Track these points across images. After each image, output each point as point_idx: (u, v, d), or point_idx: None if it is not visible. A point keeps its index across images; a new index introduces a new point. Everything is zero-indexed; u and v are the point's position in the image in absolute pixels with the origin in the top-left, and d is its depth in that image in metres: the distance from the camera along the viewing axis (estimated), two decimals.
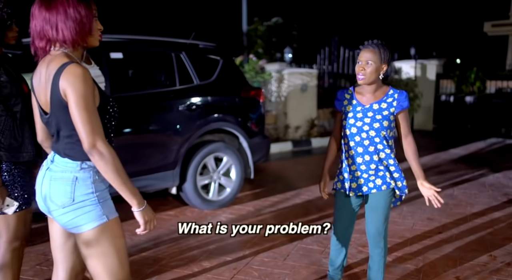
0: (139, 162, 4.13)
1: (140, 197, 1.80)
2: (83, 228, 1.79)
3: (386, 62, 2.52)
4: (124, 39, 4.28)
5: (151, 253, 3.65)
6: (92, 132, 1.68)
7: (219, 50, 4.86)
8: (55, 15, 1.70)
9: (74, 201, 1.77)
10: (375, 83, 2.55)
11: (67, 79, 1.67)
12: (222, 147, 4.65)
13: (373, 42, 2.54)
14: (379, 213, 2.64)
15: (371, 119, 2.55)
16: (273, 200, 5.12)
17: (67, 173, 1.78)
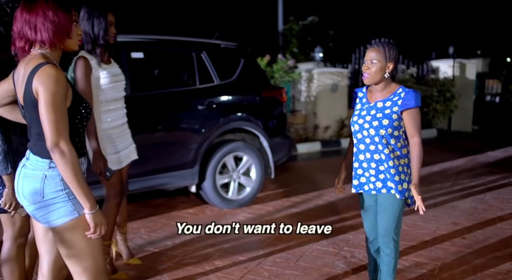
0: (158, 160, 4.20)
1: (93, 201, 1.86)
2: (55, 223, 1.87)
3: (392, 60, 2.46)
4: (145, 39, 4.36)
5: (166, 250, 3.70)
6: (56, 131, 1.74)
7: (240, 50, 4.87)
8: (35, 16, 1.79)
9: (44, 198, 1.84)
10: (381, 82, 2.50)
11: (40, 79, 1.74)
12: (242, 146, 4.65)
13: (379, 41, 2.49)
14: (387, 213, 2.61)
15: (371, 117, 2.52)
16: (295, 200, 5.08)
17: (37, 171, 1.85)
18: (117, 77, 3.17)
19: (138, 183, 4.14)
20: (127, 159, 3.24)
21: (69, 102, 1.83)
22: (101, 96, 3.07)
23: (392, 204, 2.57)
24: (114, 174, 3.14)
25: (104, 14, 3.00)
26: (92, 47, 3.03)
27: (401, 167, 2.56)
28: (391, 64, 2.45)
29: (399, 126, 2.51)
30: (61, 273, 2.12)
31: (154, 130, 4.17)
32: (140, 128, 4.07)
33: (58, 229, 1.88)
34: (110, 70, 3.11)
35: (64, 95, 1.77)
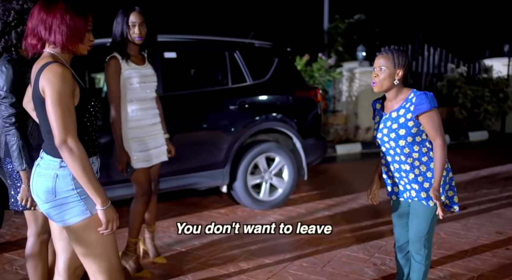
0: (188, 159, 4.21)
1: (104, 197, 1.85)
2: (68, 222, 1.88)
3: (401, 67, 2.38)
4: (178, 39, 4.38)
5: (193, 250, 3.70)
6: (64, 128, 1.75)
7: (275, 49, 4.80)
8: (52, 18, 1.81)
9: (56, 197, 1.86)
10: (391, 89, 2.42)
11: (46, 77, 1.77)
12: (274, 147, 4.59)
13: (388, 48, 2.42)
14: (419, 218, 2.52)
15: (388, 130, 2.45)
16: (328, 203, 4.95)
17: (49, 170, 1.87)
18: (146, 78, 3.18)
19: (169, 182, 4.17)
20: (156, 159, 3.26)
21: (77, 101, 1.84)
22: (129, 95, 3.10)
23: (424, 210, 2.50)
24: (142, 173, 3.17)
25: (126, 15, 3.04)
26: (118, 47, 3.07)
27: (431, 172, 2.45)
28: (401, 70, 2.37)
29: (419, 132, 2.41)
30: (77, 272, 2.14)
31: (185, 129, 4.19)
32: (171, 128, 4.09)
33: (72, 228, 1.90)
34: (139, 71, 3.13)
35: (70, 93, 1.78)
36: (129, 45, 3.10)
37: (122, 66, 3.05)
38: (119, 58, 3.05)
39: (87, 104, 1.89)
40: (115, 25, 3.08)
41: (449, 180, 2.52)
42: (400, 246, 2.72)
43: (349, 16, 15.69)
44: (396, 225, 2.71)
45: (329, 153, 7.63)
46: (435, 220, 2.53)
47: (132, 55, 3.12)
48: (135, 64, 3.12)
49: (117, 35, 3.07)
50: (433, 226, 2.54)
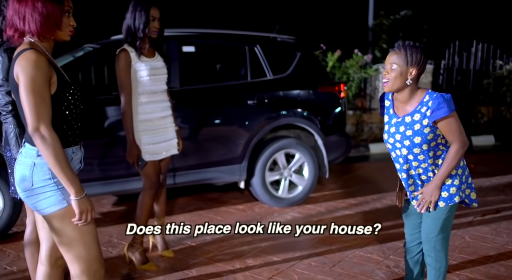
0: (205, 154, 4.19)
1: (78, 186, 1.83)
2: (45, 211, 1.88)
3: (415, 65, 2.18)
4: (197, 33, 4.37)
5: (202, 245, 3.67)
6: (36, 116, 1.74)
7: (298, 44, 4.70)
8: (24, 7, 1.79)
9: (33, 186, 1.85)
10: (404, 89, 2.23)
11: (19, 64, 1.76)
12: (294, 143, 4.49)
13: (401, 44, 2.24)
14: (430, 217, 2.38)
15: (402, 136, 2.28)
16: (351, 202, 4.80)
17: (28, 158, 1.87)
18: (157, 70, 3.18)
19: (185, 176, 4.16)
20: (165, 152, 3.25)
21: (54, 89, 1.83)
22: (139, 88, 3.11)
23: (435, 212, 2.34)
24: (151, 165, 3.18)
25: (147, 9, 3.03)
26: (132, 39, 3.08)
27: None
28: (414, 69, 2.18)
29: (434, 137, 2.25)
30: (58, 262, 2.12)
31: (201, 123, 4.17)
32: (188, 122, 4.10)
33: (49, 218, 1.90)
34: (149, 63, 3.13)
35: (44, 80, 1.77)
36: (144, 38, 3.10)
37: (132, 58, 3.06)
38: (129, 51, 3.06)
39: (65, 92, 1.88)
40: (133, 18, 3.04)
41: (465, 179, 2.36)
42: (409, 247, 2.59)
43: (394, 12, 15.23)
44: (406, 224, 2.58)
45: (362, 152, 7.42)
46: (450, 221, 2.38)
47: (143, 48, 3.12)
48: (145, 56, 3.13)
49: (137, 28, 3.03)
50: (447, 228, 2.38)
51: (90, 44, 4.27)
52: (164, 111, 3.22)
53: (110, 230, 3.97)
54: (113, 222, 4.15)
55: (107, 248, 3.59)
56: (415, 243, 2.55)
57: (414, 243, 2.56)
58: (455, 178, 2.28)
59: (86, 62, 4.00)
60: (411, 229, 2.54)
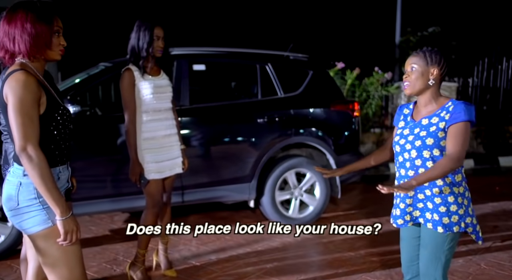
0: (213, 172, 4.17)
1: (64, 207, 1.83)
2: (29, 231, 1.88)
3: (436, 65, 2.11)
4: (208, 51, 4.40)
5: (207, 265, 3.63)
6: (24, 136, 1.75)
7: (310, 62, 4.66)
8: (14, 28, 1.82)
9: (19, 206, 1.86)
10: (425, 92, 2.15)
11: (9, 84, 1.78)
12: (304, 162, 4.43)
13: (419, 49, 2.18)
14: (427, 250, 2.22)
15: (415, 137, 2.16)
16: (363, 223, 4.67)
17: (14, 178, 1.88)
18: (161, 89, 3.19)
19: (194, 194, 4.15)
20: (169, 171, 3.24)
21: (43, 109, 1.85)
22: (143, 106, 3.13)
23: (434, 239, 2.18)
24: (154, 184, 3.18)
25: (151, 28, 3.06)
26: (135, 59, 3.10)
27: (452, 196, 2.14)
28: (435, 69, 2.11)
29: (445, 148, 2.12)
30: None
31: (211, 141, 4.17)
32: (198, 140, 4.10)
33: (33, 237, 1.90)
34: (153, 81, 3.14)
35: (32, 100, 1.79)
36: (148, 57, 3.12)
37: (136, 77, 3.09)
38: (133, 70, 3.09)
39: (54, 112, 1.89)
40: (137, 38, 3.07)
41: (472, 212, 2.20)
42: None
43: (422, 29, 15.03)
44: (402, 250, 2.41)
45: (382, 171, 7.26)
46: (451, 252, 2.20)
47: (148, 67, 3.15)
48: (150, 75, 3.15)
49: (141, 48, 3.06)
50: (447, 260, 2.21)
51: (104, 63, 4.35)
52: (168, 129, 3.22)
53: (118, 247, 3.98)
54: (121, 239, 4.17)
55: (112, 266, 3.60)
56: (413, 275, 2.38)
57: (409, 276, 2.39)
58: (460, 207, 2.14)
59: (99, 80, 4.07)
60: (407, 260, 2.38)
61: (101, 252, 3.87)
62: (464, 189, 2.18)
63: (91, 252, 3.87)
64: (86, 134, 3.83)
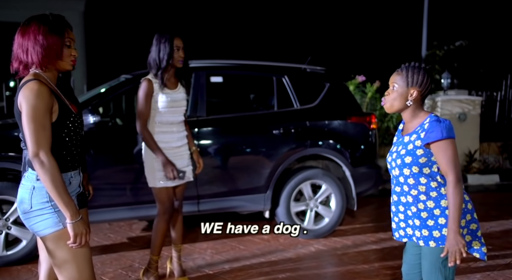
0: (229, 182, 4.23)
1: (74, 211, 1.90)
2: (41, 233, 1.97)
3: (417, 86, 2.13)
4: (225, 64, 4.49)
5: (220, 274, 3.67)
6: (36, 142, 1.85)
7: (327, 74, 4.70)
8: (27, 40, 1.94)
9: (32, 209, 1.95)
10: (404, 110, 2.19)
11: (23, 93, 1.88)
12: (320, 173, 4.44)
13: (404, 65, 2.19)
14: (427, 262, 2.21)
15: (397, 154, 2.22)
16: (380, 237, 4.63)
17: (28, 182, 1.98)
18: (176, 103, 3.27)
19: (209, 204, 4.21)
20: (180, 180, 3.31)
21: (55, 117, 1.95)
22: (157, 118, 3.21)
23: (430, 253, 2.19)
24: (165, 191, 3.25)
25: (171, 39, 3.15)
26: (156, 72, 3.19)
27: (439, 209, 2.14)
28: (415, 90, 2.13)
29: (428, 163, 2.13)
30: None
31: (227, 152, 4.23)
32: (214, 150, 4.18)
33: (45, 239, 1.99)
34: (170, 95, 3.22)
35: (45, 108, 1.89)
36: (168, 68, 3.21)
37: (155, 89, 3.17)
38: (153, 82, 3.18)
39: (66, 119, 1.99)
40: (157, 50, 3.16)
41: (465, 224, 2.19)
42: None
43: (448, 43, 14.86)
44: (404, 262, 2.40)
45: None
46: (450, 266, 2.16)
47: (166, 79, 3.23)
48: (167, 88, 3.23)
49: (162, 59, 3.15)
50: (449, 273, 2.18)
51: (125, 75, 4.50)
52: (179, 140, 3.30)
53: (134, 255, 4.06)
54: (138, 247, 4.25)
55: (127, 273, 3.67)
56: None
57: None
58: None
59: (119, 91, 4.20)
60: (407, 268, 2.38)
61: (118, 259, 3.96)
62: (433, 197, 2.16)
63: (108, 259, 3.96)
64: (106, 143, 3.95)
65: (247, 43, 14.43)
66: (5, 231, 3.75)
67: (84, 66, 14.09)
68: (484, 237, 4.58)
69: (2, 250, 3.74)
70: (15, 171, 3.79)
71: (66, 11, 12.50)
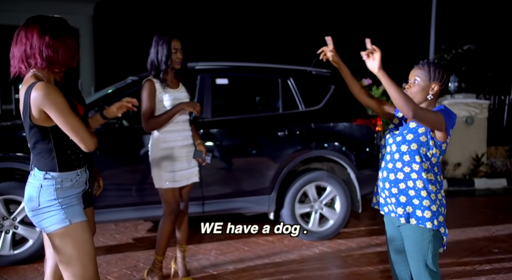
0: (234, 184, 4.25)
1: None
2: (48, 229, 2.00)
3: (438, 81, 2.23)
4: (231, 66, 4.52)
5: (223, 274, 3.68)
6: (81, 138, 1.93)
7: (332, 77, 4.71)
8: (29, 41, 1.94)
9: (40, 206, 1.99)
10: (422, 103, 2.26)
11: (36, 97, 1.88)
12: (325, 176, 4.44)
13: (425, 61, 2.28)
14: (411, 250, 2.28)
15: (399, 132, 2.31)
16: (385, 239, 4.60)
17: (36, 180, 2.01)
18: (179, 101, 3.30)
19: (214, 205, 4.23)
20: (186, 180, 3.34)
21: None
22: None
23: (413, 233, 2.25)
24: (171, 192, 3.27)
25: (168, 41, 3.19)
26: (156, 73, 3.23)
27: (425, 191, 2.22)
28: (436, 85, 2.23)
29: (427, 143, 2.22)
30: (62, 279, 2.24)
31: (232, 153, 4.25)
32: (219, 151, 4.20)
33: (51, 235, 2.02)
34: (173, 94, 3.26)
35: (62, 97, 1.91)
36: (167, 70, 3.26)
37: (157, 89, 3.21)
38: (154, 82, 3.22)
39: None
40: (155, 52, 3.21)
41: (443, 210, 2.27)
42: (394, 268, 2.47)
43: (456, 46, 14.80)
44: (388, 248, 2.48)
45: None
46: (436, 248, 2.25)
47: (168, 79, 3.28)
48: (169, 87, 3.27)
49: (160, 61, 3.20)
50: (433, 257, 2.25)
51: (132, 77, 4.54)
52: (185, 140, 3.33)
53: (139, 255, 4.09)
54: (143, 248, 4.28)
55: (132, 272, 3.70)
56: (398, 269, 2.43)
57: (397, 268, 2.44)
58: (433, 204, 2.22)
59: (125, 93, 4.22)
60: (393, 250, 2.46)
61: (123, 259, 3.99)
62: (437, 190, 2.24)
63: (114, 259, 3.99)
64: (113, 144, 3.99)
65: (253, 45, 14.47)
66: (12, 230, 3.79)
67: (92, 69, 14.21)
68: (491, 240, 4.60)
69: (9, 249, 3.78)
70: (23, 171, 3.83)
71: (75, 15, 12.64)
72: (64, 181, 2.01)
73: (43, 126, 1.96)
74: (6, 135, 3.88)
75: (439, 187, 2.27)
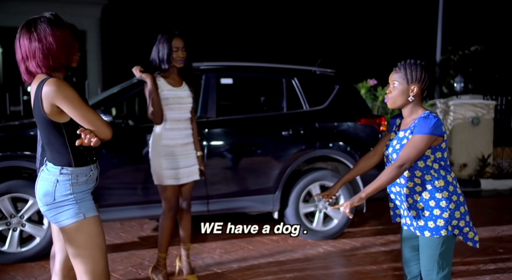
0: (238, 183, 4.27)
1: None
2: (62, 223, 2.04)
3: (417, 82, 2.21)
4: (235, 65, 4.55)
5: (227, 272, 3.70)
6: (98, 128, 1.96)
7: (336, 77, 4.73)
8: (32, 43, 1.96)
9: (55, 200, 2.03)
10: (405, 106, 2.26)
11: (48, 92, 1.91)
12: (329, 175, 4.46)
13: (401, 63, 2.26)
14: (424, 254, 2.29)
15: (392, 149, 2.30)
16: (390, 239, 4.62)
17: (51, 176, 2.04)
18: (181, 99, 3.33)
19: (219, 204, 4.26)
20: (186, 178, 3.36)
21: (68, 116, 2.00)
22: (164, 115, 3.28)
23: (426, 243, 2.26)
24: (171, 189, 3.30)
25: (169, 40, 3.22)
26: (158, 72, 3.27)
27: (434, 201, 2.21)
28: (415, 86, 2.21)
29: (422, 157, 2.20)
30: (71, 273, 2.27)
31: (236, 153, 4.28)
32: (223, 151, 4.23)
33: (65, 229, 2.06)
34: (175, 92, 3.29)
35: (75, 94, 1.94)
36: (170, 68, 3.29)
37: (159, 86, 3.25)
38: (157, 79, 3.25)
39: None
40: (157, 50, 3.25)
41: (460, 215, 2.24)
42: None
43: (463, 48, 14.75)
44: (402, 249, 2.47)
45: None
46: (447, 256, 2.25)
47: (170, 77, 3.31)
48: (172, 86, 3.30)
49: (162, 59, 3.23)
50: (445, 261, 2.26)
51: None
52: (186, 138, 3.36)
53: (144, 253, 4.12)
54: (149, 246, 4.31)
55: (137, 270, 3.73)
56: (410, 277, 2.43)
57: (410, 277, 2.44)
58: (444, 211, 2.20)
59: (130, 93, 4.27)
60: (408, 256, 2.43)
61: (128, 257, 4.02)
62: (450, 193, 2.21)
63: (119, 257, 4.03)
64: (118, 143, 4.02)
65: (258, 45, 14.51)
66: (19, 228, 3.84)
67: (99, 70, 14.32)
68: (496, 240, 4.58)
69: (17, 247, 3.83)
70: (30, 170, 3.88)
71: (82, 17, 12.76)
72: (79, 176, 2.05)
73: (56, 122, 1.99)
74: (14, 134, 3.94)
75: (453, 188, 2.22)
